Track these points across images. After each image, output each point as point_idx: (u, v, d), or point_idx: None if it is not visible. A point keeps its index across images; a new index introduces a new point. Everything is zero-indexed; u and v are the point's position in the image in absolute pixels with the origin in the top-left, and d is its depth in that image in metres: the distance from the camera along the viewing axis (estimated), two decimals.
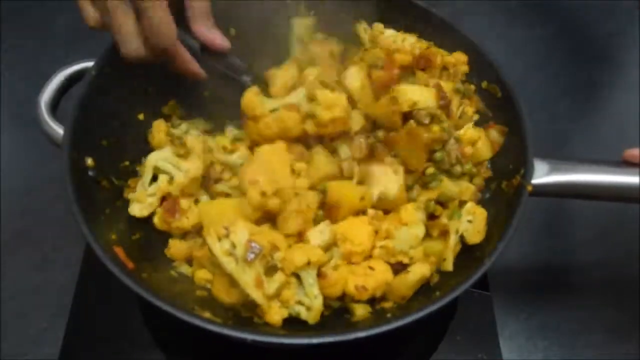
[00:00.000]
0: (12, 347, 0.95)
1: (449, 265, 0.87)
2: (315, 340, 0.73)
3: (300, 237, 0.86)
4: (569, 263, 1.10)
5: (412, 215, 0.86)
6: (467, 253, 0.89)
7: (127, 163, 0.96)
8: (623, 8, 1.51)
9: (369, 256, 0.87)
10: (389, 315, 0.84)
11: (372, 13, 1.09)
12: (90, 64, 0.93)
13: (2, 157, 1.16)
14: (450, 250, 0.87)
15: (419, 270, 0.85)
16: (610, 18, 1.49)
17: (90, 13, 0.82)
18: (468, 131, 0.96)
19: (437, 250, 0.88)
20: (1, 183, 1.12)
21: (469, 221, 0.88)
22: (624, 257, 1.09)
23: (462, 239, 0.89)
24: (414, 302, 0.86)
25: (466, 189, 0.92)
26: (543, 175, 0.86)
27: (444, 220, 0.89)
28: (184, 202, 0.91)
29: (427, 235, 0.89)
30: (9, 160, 1.16)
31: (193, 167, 0.91)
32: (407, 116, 0.91)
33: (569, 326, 1.02)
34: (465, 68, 1.01)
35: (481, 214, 0.89)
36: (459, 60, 1.01)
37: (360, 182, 0.90)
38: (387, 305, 0.87)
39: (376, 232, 0.88)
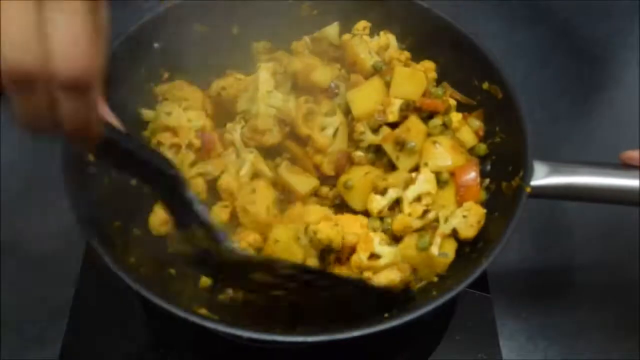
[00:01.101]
0: (12, 347, 0.95)
1: (435, 250, 0.88)
2: (310, 339, 0.73)
3: None
4: (569, 263, 1.10)
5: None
6: (466, 254, 0.89)
7: None
8: (623, 8, 1.51)
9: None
10: (385, 315, 0.84)
11: (371, 10, 1.10)
12: None
13: (2, 157, 1.16)
14: (438, 235, 0.88)
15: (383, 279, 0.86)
16: (610, 18, 1.49)
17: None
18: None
19: (411, 257, 0.89)
20: (1, 183, 1.12)
21: (464, 216, 0.89)
22: (624, 258, 1.09)
23: (455, 234, 0.90)
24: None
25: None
26: (542, 177, 0.86)
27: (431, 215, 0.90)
28: None
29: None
30: (9, 160, 1.16)
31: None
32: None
33: (569, 326, 1.02)
34: (433, 75, 1.05)
35: (477, 210, 0.90)
36: (428, 68, 1.05)
37: None
38: None
39: None
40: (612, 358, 0.99)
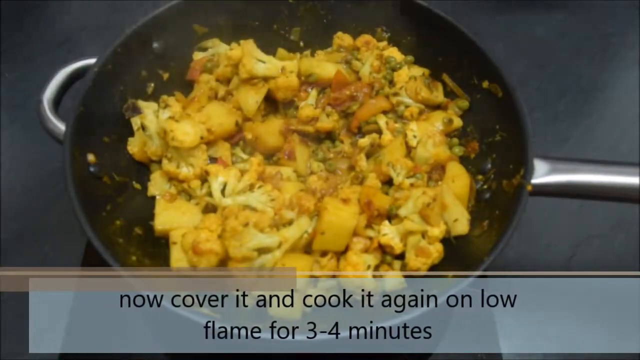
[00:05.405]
0: (12, 347, 0.95)
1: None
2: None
3: None
4: (569, 262, 1.10)
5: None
6: (467, 252, 0.89)
7: (128, 159, 0.97)
8: (623, 8, 1.52)
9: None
10: None
11: (372, 10, 1.10)
12: (92, 61, 0.94)
13: (2, 157, 1.16)
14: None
15: None
16: (610, 18, 1.50)
17: None
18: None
19: None
20: (1, 183, 1.12)
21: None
22: (624, 257, 1.09)
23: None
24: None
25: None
26: (543, 175, 0.86)
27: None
28: None
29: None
30: (9, 160, 1.16)
31: None
32: None
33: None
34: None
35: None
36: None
37: None
38: None
39: None
40: (612, 358, 0.99)
